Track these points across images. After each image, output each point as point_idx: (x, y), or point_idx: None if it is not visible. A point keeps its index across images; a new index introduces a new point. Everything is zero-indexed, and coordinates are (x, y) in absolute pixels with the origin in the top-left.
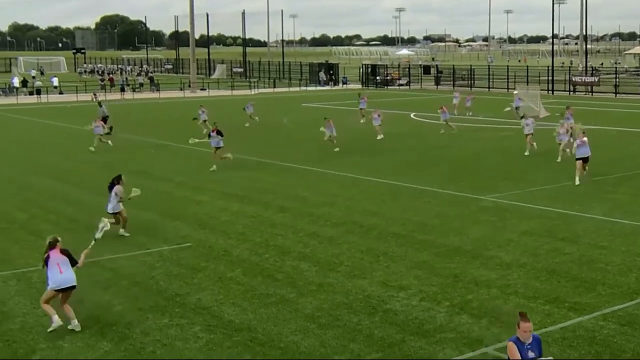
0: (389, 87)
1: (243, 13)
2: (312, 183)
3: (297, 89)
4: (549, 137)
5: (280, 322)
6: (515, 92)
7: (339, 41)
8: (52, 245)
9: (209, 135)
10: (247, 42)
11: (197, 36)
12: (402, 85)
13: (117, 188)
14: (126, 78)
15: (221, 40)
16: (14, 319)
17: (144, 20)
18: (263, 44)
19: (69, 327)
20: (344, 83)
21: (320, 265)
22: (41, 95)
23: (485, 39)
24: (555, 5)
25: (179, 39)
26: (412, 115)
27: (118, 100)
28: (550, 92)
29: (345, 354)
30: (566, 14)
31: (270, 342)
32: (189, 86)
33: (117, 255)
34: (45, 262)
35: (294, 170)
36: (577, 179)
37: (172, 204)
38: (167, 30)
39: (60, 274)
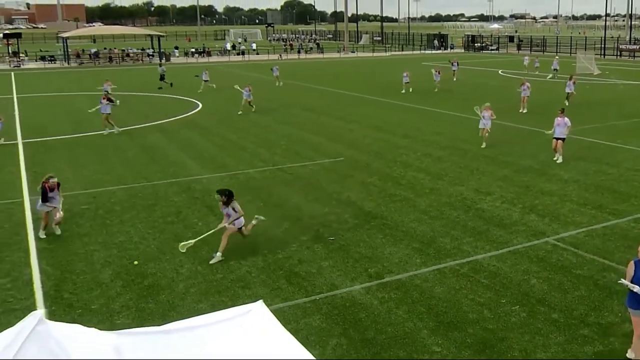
0: (483, 51)
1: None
2: (426, 119)
3: (418, 52)
4: (600, 89)
5: (403, 214)
6: (557, 57)
7: (448, 18)
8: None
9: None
10: (383, 19)
11: (349, 14)
12: (492, 50)
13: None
14: (301, 44)
15: (366, 17)
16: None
17: (313, 4)
18: (394, 20)
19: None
20: (451, 48)
21: (431, 175)
22: (244, 55)
23: (555, 17)
24: None
25: (337, 16)
26: (499, 72)
27: (296, 59)
28: (602, 56)
29: (447, 237)
30: None
31: (396, 227)
32: (343, 49)
33: (294, 164)
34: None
35: (414, 109)
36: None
37: (332, 131)
38: (329, 10)
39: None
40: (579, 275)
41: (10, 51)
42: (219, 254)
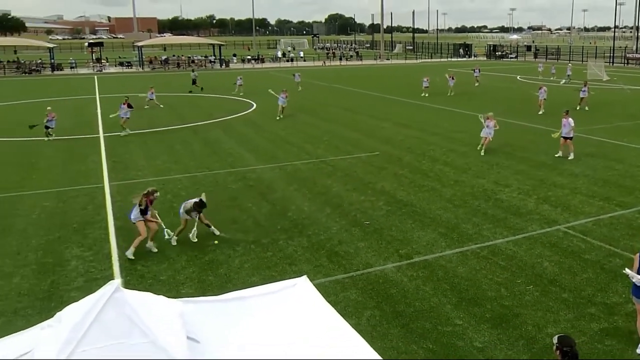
0: (503, 59)
1: (413, 12)
2: (451, 119)
3: (445, 59)
4: (608, 93)
5: (431, 202)
6: (570, 64)
7: (472, 29)
8: None
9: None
10: (415, 30)
11: (385, 26)
12: (512, 58)
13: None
14: (342, 52)
15: (399, 29)
16: (276, 192)
17: (353, 17)
18: (425, 31)
19: None
20: (474, 56)
21: (456, 169)
22: (293, 62)
23: (569, 28)
24: (617, 6)
25: (374, 28)
26: (518, 77)
27: (337, 65)
28: (611, 64)
29: (469, 223)
30: (625, 11)
31: (424, 214)
32: (379, 57)
33: (335, 157)
34: None
35: (440, 110)
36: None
37: (368, 129)
38: (367, 22)
39: None
40: (587, 260)
41: (94, 58)
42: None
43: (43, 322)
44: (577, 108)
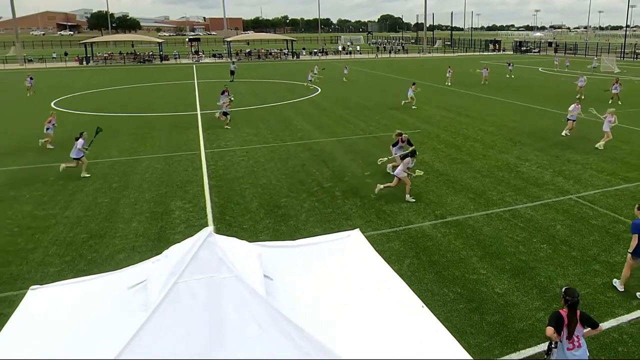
0: (527, 53)
1: (451, 13)
2: (483, 104)
3: (478, 53)
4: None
5: (462, 172)
6: (595, 57)
7: (502, 28)
8: None
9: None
10: (452, 28)
11: (427, 25)
12: (535, 52)
13: (79, 142)
14: (392, 46)
15: (439, 27)
16: (335, 160)
17: (401, 17)
18: (461, 29)
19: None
20: (503, 50)
21: (484, 145)
22: (351, 54)
23: (585, 27)
24: (629, 8)
25: (418, 26)
26: (539, 69)
27: (387, 58)
28: (622, 58)
29: (494, 191)
30: (637, 12)
31: (457, 182)
32: (422, 51)
33: (384, 134)
34: None
35: (473, 96)
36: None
37: (412, 110)
38: (413, 22)
39: None
40: (594, 225)
41: (193, 50)
42: None
43: (154, 257)
44: (611, 102)
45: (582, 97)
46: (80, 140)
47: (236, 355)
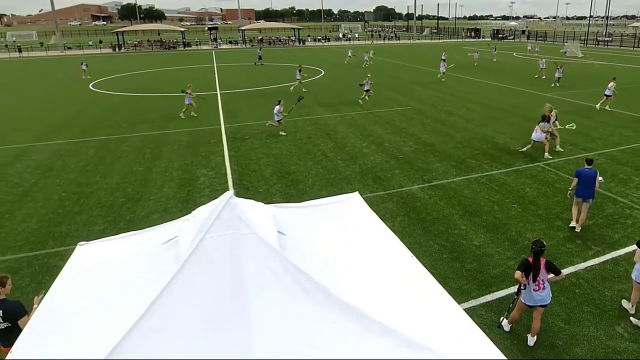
0: (503, 40)
1: (437, 5)
2: (466, 84)
3: (461, 39)
4: (582, 67)
5: (446, 143)
6: (566, 43)
7: (482, 17)
8: None
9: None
10: (439, 18)
11: (417, 15)
12: (510, 39)
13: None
14: (385, 34)
15: (427, 17)
16: (338, 133)
17: (394, 8)
18: (446, 19)
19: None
20: (482, 37)
21: (465, 119)
22: (350, 41)
23: (554, 17)
24: (592, 0)
25: (409, 16)
26: (514, 54)
27: (382, 44)
28: (585, 44)
29: (473, 159)
30: (599, 3)
31: (441, 151)
32: (412, 38)
33: (379, 110)
34: None
35: (458, 78)
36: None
37: (403, 90)
38: (404, 12)
39: None
40: (558, 188)
41: (212, 38)
42: None
43: (183, 217)
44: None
45: (544, 77)
46: (277, 107)
47: (255, 301)
